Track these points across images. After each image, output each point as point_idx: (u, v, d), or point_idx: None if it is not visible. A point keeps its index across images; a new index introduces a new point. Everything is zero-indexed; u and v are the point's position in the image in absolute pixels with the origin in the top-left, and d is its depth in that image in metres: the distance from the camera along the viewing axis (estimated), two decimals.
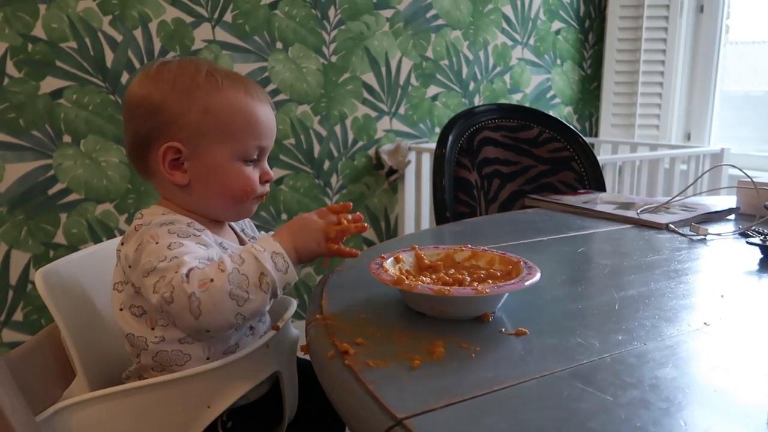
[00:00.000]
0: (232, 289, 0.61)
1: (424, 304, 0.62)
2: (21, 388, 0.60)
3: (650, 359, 0.52)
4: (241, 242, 0.83)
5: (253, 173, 0.75)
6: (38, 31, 1.68)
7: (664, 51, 2.64)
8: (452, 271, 0.69)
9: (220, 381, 0.68)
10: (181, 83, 0.72)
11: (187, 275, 0.61)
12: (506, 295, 0.63)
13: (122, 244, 0.71)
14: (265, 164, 0.78)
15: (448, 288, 0.58)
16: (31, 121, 1.70)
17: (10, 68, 1.66)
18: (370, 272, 0.64)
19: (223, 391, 0.68)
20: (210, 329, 0.62)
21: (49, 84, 1.71)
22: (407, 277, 0.64)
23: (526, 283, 0.61)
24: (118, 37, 1.78)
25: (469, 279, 0.66)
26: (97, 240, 1.83)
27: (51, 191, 1.75)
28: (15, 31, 1.65)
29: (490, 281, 0.65)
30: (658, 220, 1.06)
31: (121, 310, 0.72)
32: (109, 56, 1.78)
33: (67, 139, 1.75)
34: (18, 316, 1.75)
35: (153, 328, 0.70)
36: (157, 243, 0.66)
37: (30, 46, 1.67)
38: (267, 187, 0.78)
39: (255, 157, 0.75)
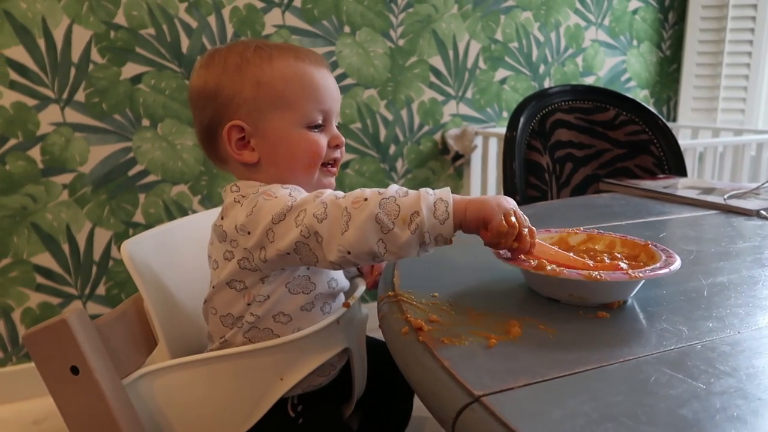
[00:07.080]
0: (379, 214, 0.58)
1: (562, 290, 0.58)
2: (107, 352, 0.63)
3: (746, 348, 0.49)
4: None
5: (320, 138, 0.73)
6: (120, 19, 1.75)
7: (752, 30, 2.47)
8: (571, 254, 0.64)
9: (292, 354, 0.69)
10: (232, 63, 0.72)
11: (336, 196, 0.62)
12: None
13: (222, 218, 0.70)
14: (334, 129, 0.75)
15: (599, 273, 0.55)
16: (113, 105, 1.78)
17: (95, 55, 1.74)
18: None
19: (295, 365, 0.69)
20: (352, 251, 0.60)
21: (130, 70, 1.79)
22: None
23: (671, 268, 0.57)
24: (193, 24, 1.84)
25: (591, 263, 0.61)
26: (173, 220, 1.91)
27: (131, 172, 1.83)
28: (99, 19, 1.73)
29: (621, 265, 0.60)
30: (746, 206, 0.99)
31: (213, 287, 0.72)
32: (185, 42, 1.84)
33: (145, 122, 1.83)
34: (101, 290, 1.86)
35: (249, 304, 0.70)
36: (276, 197, 0.65)
37: (112, 33, 1.75)
38: (338, 153, 0.76)
39: (319, 121, 0.73)
